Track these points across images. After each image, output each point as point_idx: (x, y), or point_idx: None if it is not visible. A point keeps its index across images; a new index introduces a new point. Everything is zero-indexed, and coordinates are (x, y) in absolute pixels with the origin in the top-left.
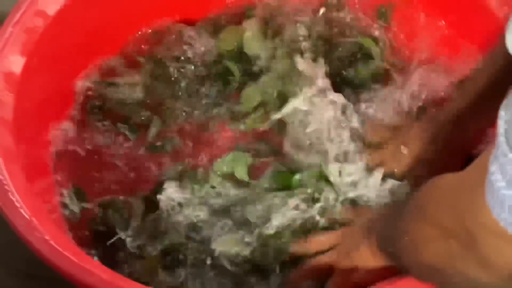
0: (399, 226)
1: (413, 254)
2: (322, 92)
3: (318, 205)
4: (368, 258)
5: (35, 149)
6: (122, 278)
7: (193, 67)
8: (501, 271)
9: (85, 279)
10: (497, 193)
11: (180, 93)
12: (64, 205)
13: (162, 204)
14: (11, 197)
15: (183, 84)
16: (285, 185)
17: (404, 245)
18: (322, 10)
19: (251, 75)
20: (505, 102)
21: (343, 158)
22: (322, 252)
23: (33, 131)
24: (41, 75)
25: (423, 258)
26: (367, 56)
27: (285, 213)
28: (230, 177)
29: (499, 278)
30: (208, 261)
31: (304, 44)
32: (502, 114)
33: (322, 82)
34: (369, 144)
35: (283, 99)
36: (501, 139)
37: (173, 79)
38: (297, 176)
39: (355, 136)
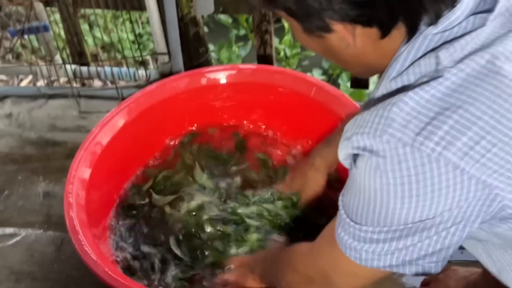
0: (278, 270)
1: None
2: None
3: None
4: (255, 282)
5: (99, 222)
6: None
7: None
8: None
9: None
10: (346, 244)
11: None
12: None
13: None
14: (85, 248)
15: None
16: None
17: (282, 285)
18: None
19: None
20: (342, 191)
21: None
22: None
23: (97, 213)
24: (101, 180)
25: None
26: None
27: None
28: None
29: None
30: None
31: None
32: (340, 199)
33: None
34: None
35: None
36: (341, 211)
37: None
38: None
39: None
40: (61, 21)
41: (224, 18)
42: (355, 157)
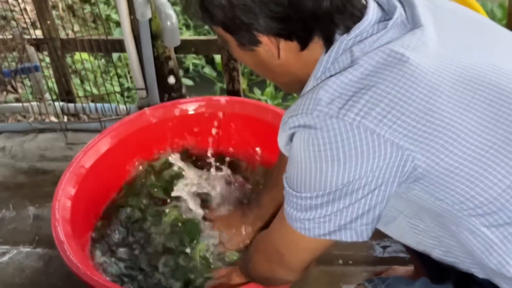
0: (248, 256)
1: (252, 271)
2: None
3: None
4: (239, 278)
5: (82, 233)
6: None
7: None
8: (299, 269)
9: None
10: (292, 216)
11: None
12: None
13: None
14: (69, 252)
15: None
16: None
17: (250, 268)
18: None
19: None
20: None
21: None
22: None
23: (81, 226)
24: (84, 198)
25: (258, 273)
26: None
27: None
28: None
29: (297, 274)
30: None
31: None
32: (283, 177)
33: None
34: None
35: None
36: (285, 187)
37: None
38: None
39: None
40: (51, 62)
41: (209, 71)
42: (292, 137)
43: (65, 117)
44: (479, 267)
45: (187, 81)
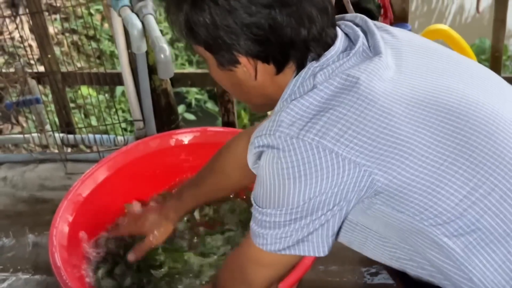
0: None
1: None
2: None
3: None
4: None
5: (79, 258)
6: None
7: None
8: (259, 285)
9: None
10: (255, 233)
11: None
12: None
13: None
14: (66, 278)
15: None
16: None
17: (218, 284)
18: None
19: None
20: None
21: None
22: None
23: (77, 252)
24: (80, 225)
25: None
26: None
27: None
28: None
29: None
30: None
31: None
32: (252, 195)
33: None
34: None
35: None
36: (253, 204)
37: None
38: None
39: None
40: (51, 94)
41: (211, 106)
42: (259, 156)
43: (65, 148)
44: (449, 281)
45: (189, 116)
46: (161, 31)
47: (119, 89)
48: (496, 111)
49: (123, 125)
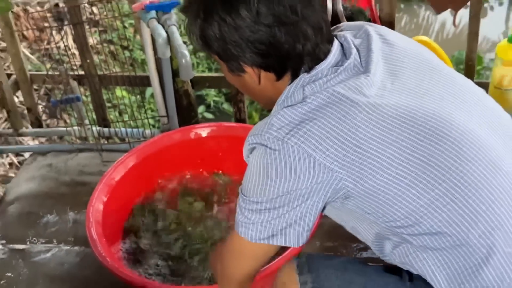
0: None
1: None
2: None
3: None
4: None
5: (112, 232)
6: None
7: None
8: (236, 282)
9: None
10: (238, 222)
11: None
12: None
13: None
14: (101, 250)
15: None
16: None
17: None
18: None
19: None
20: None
21: None
22: None
23: (111, 226)
24: (113, 204)
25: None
26: None
27: None
28: None
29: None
30: None
31: None
32: (239, 187)
33: None
34: None
35: None
36: (240, 194)
37: None
38: None
39: None
40: (90, 94)
41: (227, 107)
42: (252, 151)
43: (101, 140)
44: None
45: (208, 115)
46: (185, 42)
47: (149, 91)
48: (471, 131)
49: (151, 121)
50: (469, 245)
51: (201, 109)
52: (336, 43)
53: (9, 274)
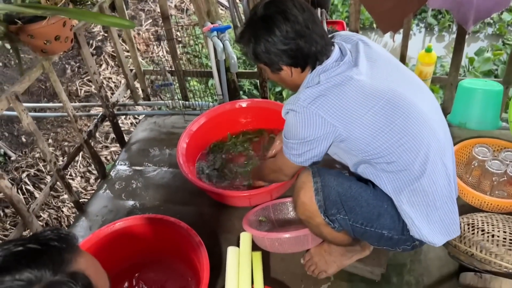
0: (260, 170)
1: (263, 176)
2: None
3: None
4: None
5: (192, 161)
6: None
7: None
8: (289, 175)
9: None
10: (286, 153)
11: None
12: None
13: None
14: (185, 169)
15: None
16: None
17: (262, 175)
18: None
19: None
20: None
21: None
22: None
23: (190, 158)
24: (192, 144)
25: (267, 178)
26: None
27: None
28: None
29: (289, 178)
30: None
31: None
32: (282, 133)
33: None
34: None
35: None
36: (283, 138)
37: None
38: None
39: None
40: (178, 81)
41: (255, 92)
42: (287, 113)
43: (184, 108)
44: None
45: (244, 97)
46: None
47: (209, 82)
48: (415, 104)
49: (212, 98)
50: (410, 169)
51: (240, 93)
52: (336, 47)
53: (133, 183)
